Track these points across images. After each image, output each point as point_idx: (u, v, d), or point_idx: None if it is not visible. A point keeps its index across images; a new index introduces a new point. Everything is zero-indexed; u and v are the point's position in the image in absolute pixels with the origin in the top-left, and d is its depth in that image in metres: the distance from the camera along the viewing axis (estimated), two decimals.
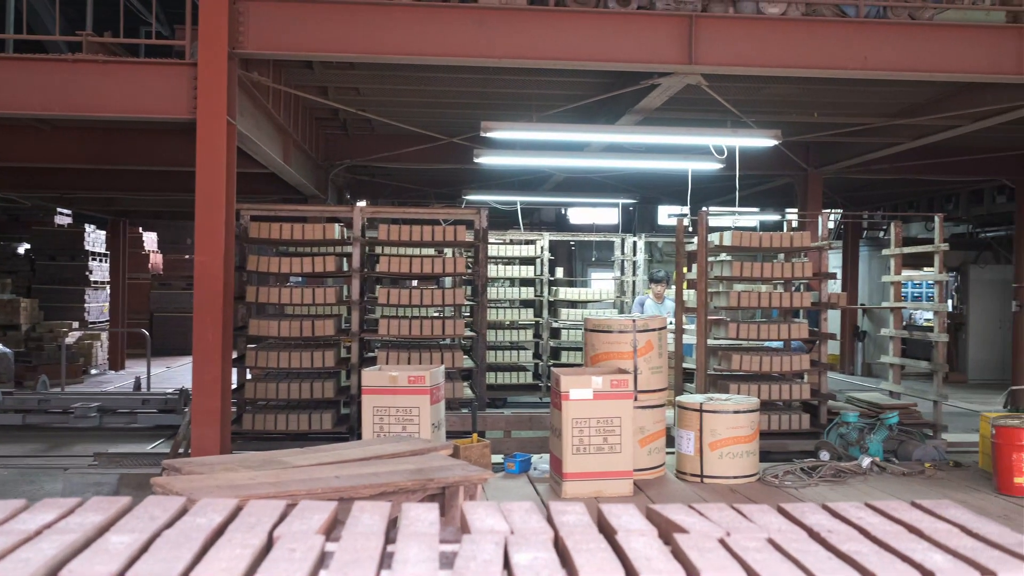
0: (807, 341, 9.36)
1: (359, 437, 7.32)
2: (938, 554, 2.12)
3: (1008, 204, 15.77)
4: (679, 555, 2.22)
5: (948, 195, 18.05)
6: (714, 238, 9.02)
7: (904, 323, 18.82)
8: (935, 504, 2.57)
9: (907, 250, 9.76)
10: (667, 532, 2.45)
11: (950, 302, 18.72)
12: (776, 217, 17.15)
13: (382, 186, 15.44)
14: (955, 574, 1.98)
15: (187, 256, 21.29)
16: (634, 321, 7.07)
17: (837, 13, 7.74)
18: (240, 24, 7.07)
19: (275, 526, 2.43)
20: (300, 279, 10.15)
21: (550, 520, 2.56)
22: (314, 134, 11.62)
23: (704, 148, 9.60)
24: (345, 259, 8.77)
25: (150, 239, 22.11)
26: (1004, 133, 11.76)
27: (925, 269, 16.39)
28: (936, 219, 9.52)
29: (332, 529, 2.58)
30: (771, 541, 2.27)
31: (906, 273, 14.25)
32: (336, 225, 8.81)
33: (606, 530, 2.52)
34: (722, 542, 2.27)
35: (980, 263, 18.15)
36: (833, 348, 18.49)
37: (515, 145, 10.34)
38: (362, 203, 14.83)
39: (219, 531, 2.38)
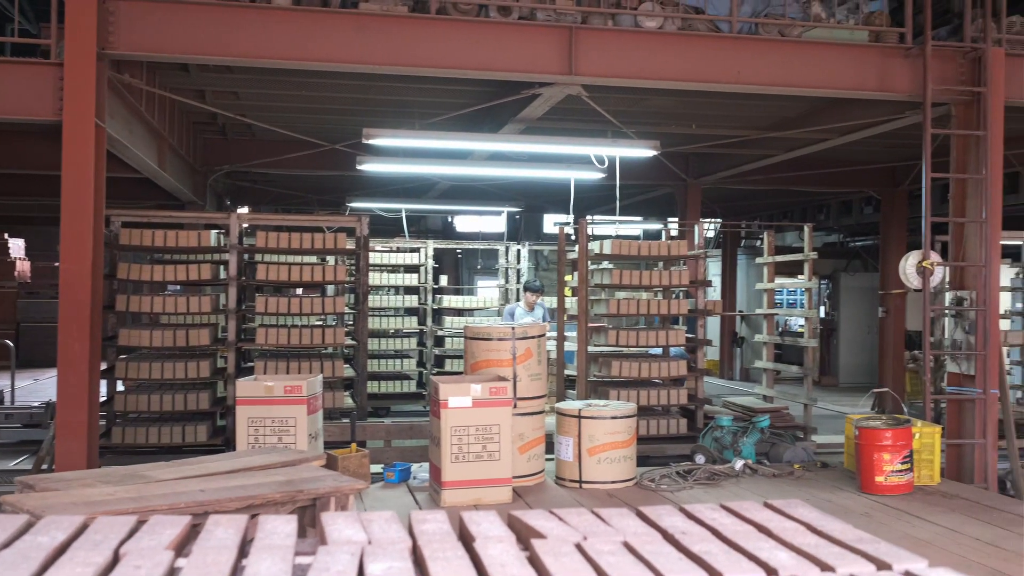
0: (688, 347, 9.58)
1: (235, 449, 7.15)
2: (783, 552, 2.19)
3: (874, 215, 16.49)
4: (535, 561, 2.23)
5: (820, 206, 18.77)
6: (595, 246, 9.15)
7: (780, 329, 19.50)
8: (785, 504, 2.66)
9: (779, 258, 10.09)
10: (526, 538, 2.46)
11: (822, 308, 19.46)
12: (659, 226, 17.51)
13: (264, 192, 15.15)
14: (797, 571, 2.06)
15: (57, 264, 20.44)
16: (513, 329, 7.11)
17: (712, 29, 7.96)
18: (110, 24, 6.85)
19: (123, 543, 2.35)
20: (179, 288, 9.87)
21: (410, 529, 2.54)
22: (191, 138, 11.33)
23: (586, 157, 9.74)
24: (223, 267, 8.57)
25: (17, 245, 21.14)
26: (870, 147, 12.31)
27: (799, 277, 16.97)
28: (806, 229, 9.87)
29: (184, 544, 2.51)
30: (626, 544, 2.31)
31: (779, 281, 14.75)
32: (212, 232, 8.61)
33: (466, 538, 2.52)
34: (578, 546, 2.29)
35: (850, 271, 18.93)
36: (713, 354, 18.99)
37: (398, 152, 10.30)
38: (243, 209, 14.54)
39: (61, 549, 2.28)
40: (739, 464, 7.63)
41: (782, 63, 8.01)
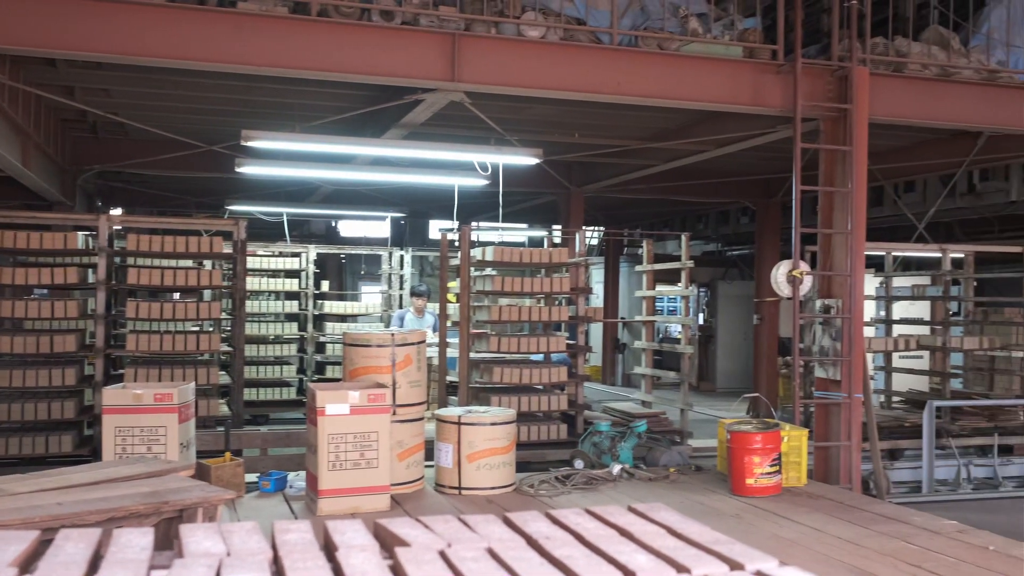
0: (570, 354, 9.68)
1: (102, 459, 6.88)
2: (643, 555, 2.23)
3: (750, 225, 17.03)
4: (397, 569, 2.22)
5: (699, 215, 19.27)
6: (477, 253, 9.17)
7: (660, 336, 19.93)
8: (648, 508, 2.71)
9: (658, 267, 10.30)
10: (391, 546, 2.45)
11: (701, 316, 19.98)
12: (543, 233, 17.68)
13: (138, 194, 14.66)
14: (654, 573, 2.10)
15: None
16: (393, 335, 7.06)
17: (593, 40, 8.07)
18: None
19: None
20: (44, 291, 9.45)
21: (273, 540, 2.49)
22: (59, 137, 10.88)
23: (470, 164, 9.76)
24: (91, 270, 8.25)
25: None
26: (746, 159, 12.71)
27: (678, 284, 17.39)
28: (683, 238, 10.11)
29: (31, 560, 2.40)
30: (490, 550, 2.31)
31: (660, 288, 15.08)
32: (80, 234, 8.27)
33: (330, 547, 2.49)
34: (442, 554, 2.29)
35: (727, 279, 19.48)
36: (596, 360, 19.27)
37: (279, 155, 10.10)
38: (117, 211, 14.05)
39: None
40: (617, 468, 7.75)
41: (660, 76, 8.18)
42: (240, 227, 8.58)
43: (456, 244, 9.32)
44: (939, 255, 10.85)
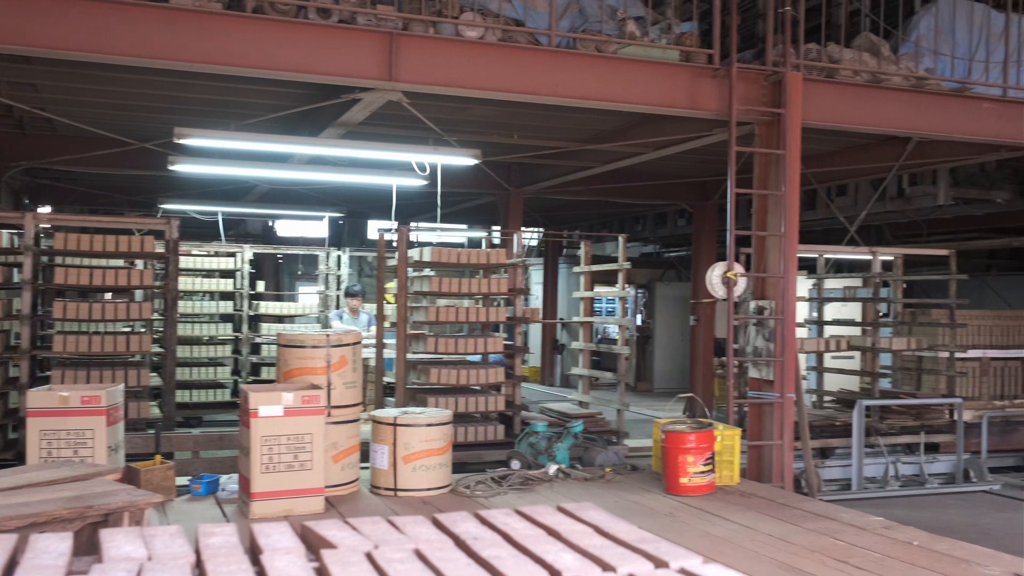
0: (508, 355, 9.69)
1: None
2: (569, 554, 2.24)
3: (687, 227, 17.22)
4: (323, 571, 2.20)
5: (637, 217, 19.44)
6: (415, 253, 9.13)
7: (599, 337, 20.06)
8: (577, 507, 2.72)
9: (595, 268, 10.37)
10: (317, 549, 2.42)
11: (639, 317, 20.15)
12: (483, 233, 17.68)
13: (67, 192, 14.32)
14: (580, 572, 2.11)
15: None
16: (328, 336, 7.00)
17: (531, 41, 8.09)
18: None
19: None
20: None
21: (196, 543, 2.45)
22: None
23: (408, 164, 9.71)
24: (16, 270, 8.03)
25: None
26: (683, 162, 12.84)
27: (616, 286, 17.51)
28: (620, 239, 10.19)
29: None
30: (417, 552, 2.30)
31: (598, 289, 15.18)
32: (5, 232, 8.06)
33: (255, 550, 2.46)
34: (369, 556, 2.27)
35: (665, 281, 19.67)
36: (535, 361, 19.33)
37: (214, 153, 9.95)
38: (45, 209, 13.72)
39: None
40: (553, 469, 7.77)
41: (598, 78, 8.22)
42: (172, 226, 8.43)
43: (394, 244, 9.27)
44: (869, 258, 11.09)
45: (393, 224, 10.66)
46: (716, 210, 15.68)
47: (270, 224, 21.18)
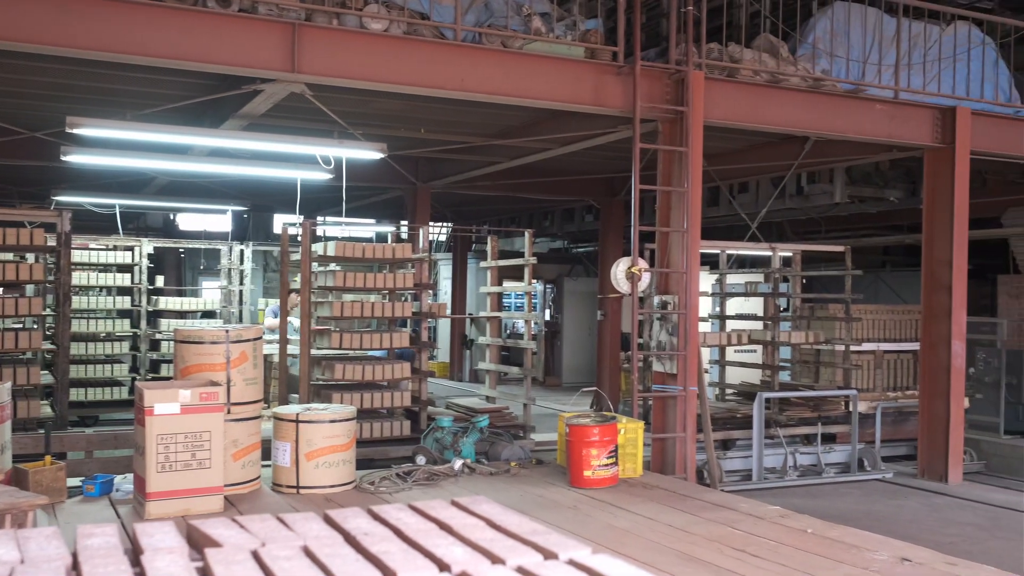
0: (417, 349, 9.63)
1: None
2: (460, 548, 2.23)
3: (594, 223, 17.40)
4: (207, 571, 2.15)
5: (546, 213, 19.54)
6: (319, 248, 9.00)
7: (508, 332, 20.11)
8: (471, 501, 2.71)
9: (502, 263, 10.39)
10: (202, 548, 2.36)
11: (548, 312, 20.27)
12: (391, 228, 17.57)
13: None
14: (469, 565, 2.10)
15: None
16: (227, 331, 6.85)
17: (437, 35, 8.05)
18: None
19: None
20: None
21: (75, 544, 2.37)
22: None
23: (313, 157, 9.57)
24: None
25: None
26: (589, 158, 12.95)
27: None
28: (527, 235, 10.22)
29: None
30: (306, 548, 2.27)
31: (506, 284, 15.22)
32: None
33: (137, 551, 2.38)
34: (255, 554, 2.23)
35: (573, 276, 19.83)
36: (444, 356, 19.28)
37: (110, 143, 9.63)
38: None
39: None
40: (458, 464, 7.76)
41: (504, 73, 8.23)
42: (64, 218, 8.15)
43: (298, 239, 9.13)
44: (770, 253, 11.36)
45: (298, 218, 10.51)
46: (622, 206, 15.87)
47: (172, 218, 20.66)
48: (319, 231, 9.74)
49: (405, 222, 16.09)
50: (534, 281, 10.25)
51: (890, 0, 9.73)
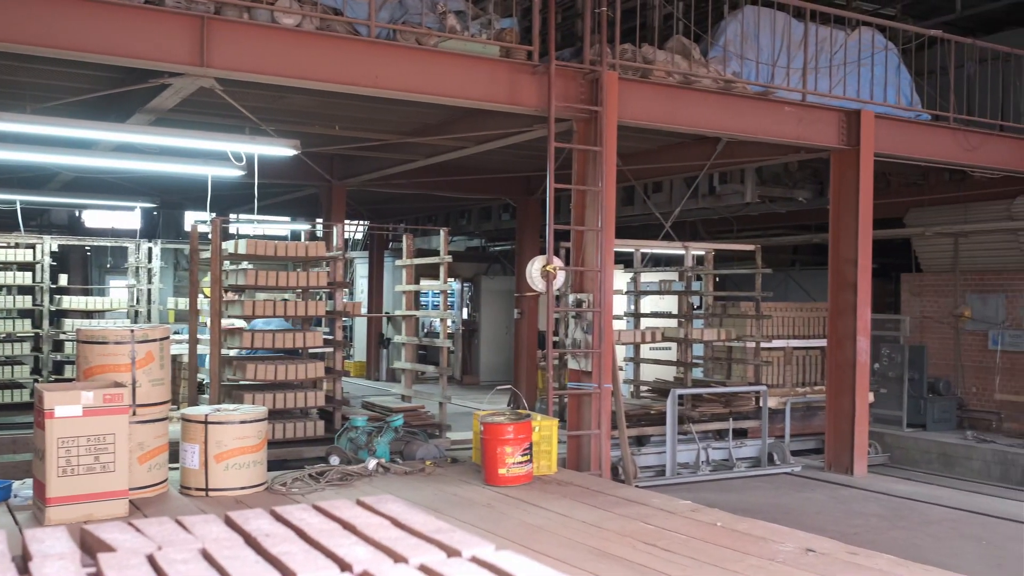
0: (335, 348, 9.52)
1: None
2: (362, 547, 2.21)
3: (511, 221, 17.44)
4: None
5: (463, 211, 19.54)
6: (229, 246, 8.83)
7: (425, 330, 20.03)
8: (377, 500, 2.69)
9: (417, 261, 10.34)
10: (96, 553, 2.29)
11: (466, 310, 20.26)
12: (307, 226, 17.35)
13: None
14: (371, 565, 2.08)
15: None
16: (132, 331, 6.67)
17: (350, 31, 7.96)
18: None
19: None
20: None
21: None
22: None
23: (224, 153, 9.38)
24: None
25: None
26: (505, 157, 12.97)
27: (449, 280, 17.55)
28: (442, 233, 10.19)
29: None
30: (204, 551, 2.21)
31: (423, 283, 15.16)
32: None
33: (26, 557, 2.30)
34: (150, 558, 2.17)
35: (490, 274, 19.86)
36: (361, 355, 19.11)
37: (8, 138, 9.30)
38: None
39: None
40: (372, 463, 7.70)
41: (419, 71, 8.18)
42: None
43: (209, 237, 8.94)
44: (683, 252, 11.53)
45: (210, 215, 10.29)
46: (539, 205, 15.92)
47: (77, 214, 20.03)
48: (233, 229, 9.56)
49: (320, 220, 15.89)
50: (450, 280, 10.23)
51: (797, 5, 9.96)
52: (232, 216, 13.92)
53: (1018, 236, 13.21)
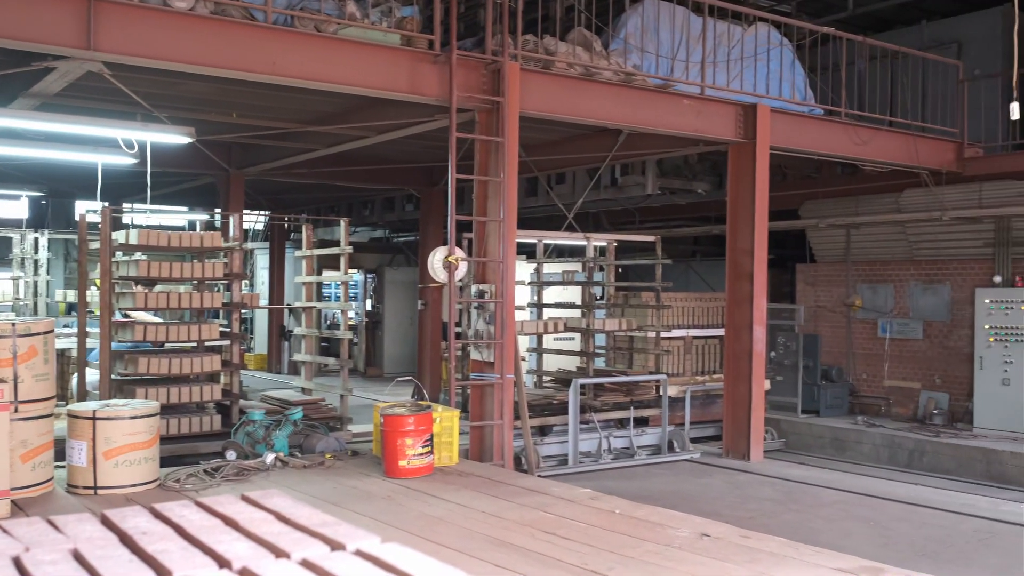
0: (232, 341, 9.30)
1: None
2: (243, 543, 2.15)
3: (415, 212, 17.33)
4: None
5: (365, 202, 19.31)
6: (120, 236, 8.55)
7: (328, 322, 19.79)
8: (262, 495, 2.62)
9: (317, 252, 10.19)
10: None
11: (369, 301, 20.07)
12: (205, 216, 16.93)
13: None
14: (251, 560, 2.02)
15: None
16: (13, 325, 6.40)
17: (246, 16, 7.77)
18: None
19: None
20: None
21: None
22: None
23: (115, 140, 9.05)
24: None
25: None
26: (408, 147, 12.86)
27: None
28: (342, 223, 10.06)
29: None
30: (75, 551, 2.13)
31: (326, 274, 14.96)
32: None
33: None
34: (16, 560, 2.07)
35: (394, 266, 19.71)
36: (262, 348, 18.76)
37: None
38: None
39: None
40: (270, 458, 7.56)
41: (317, 58, 8.04)
42: None
43: (98, 226, 8.64)
44: (585, 243, 11.63)
45: (100, 204, 9.93)
46: (443, 195, 15.86)
47: None
48: (128, 219, 9.25)
49: (218, 210, 15.53)
50: (353, 271, 10.11)
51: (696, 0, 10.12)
52: (125, 206, 13.48)
53: (905, 228, 13.70)
